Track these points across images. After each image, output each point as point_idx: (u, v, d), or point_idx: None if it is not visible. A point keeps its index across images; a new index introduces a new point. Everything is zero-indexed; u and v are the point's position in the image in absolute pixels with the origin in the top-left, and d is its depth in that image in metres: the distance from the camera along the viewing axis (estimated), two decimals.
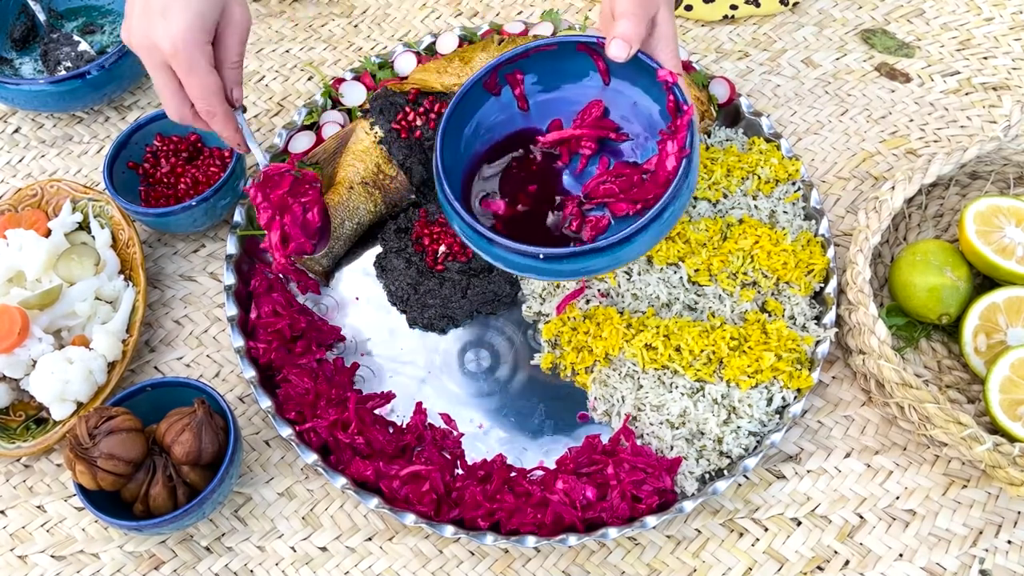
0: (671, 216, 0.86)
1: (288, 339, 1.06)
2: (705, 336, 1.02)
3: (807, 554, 0.96)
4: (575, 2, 1.40)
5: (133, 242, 1.12)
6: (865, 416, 1.04)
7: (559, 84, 0.97)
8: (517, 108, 0.98)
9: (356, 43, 1.38)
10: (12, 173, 1.28)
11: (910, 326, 1.07)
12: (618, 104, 0.96)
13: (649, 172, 0.92)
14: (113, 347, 1.04)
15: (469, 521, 0.95)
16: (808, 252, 1.08)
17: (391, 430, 1.02)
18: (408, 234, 1.14)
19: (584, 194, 0.95)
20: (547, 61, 0.95)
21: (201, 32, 0.87)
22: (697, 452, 0.99)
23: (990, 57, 1.30)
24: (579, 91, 0.97)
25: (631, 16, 0.87)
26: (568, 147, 0.97)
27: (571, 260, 0.85)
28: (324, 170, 1.18)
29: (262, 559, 0.98)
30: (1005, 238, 1.04)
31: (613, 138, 0.96)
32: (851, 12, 1.37)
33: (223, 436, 0.95)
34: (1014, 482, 0.93)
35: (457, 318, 1.10)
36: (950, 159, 1.07)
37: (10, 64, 1.34)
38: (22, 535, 1.01)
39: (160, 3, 0.86)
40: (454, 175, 0.92)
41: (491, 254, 0.89)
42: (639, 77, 0.93)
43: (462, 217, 0.88)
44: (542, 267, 0.87)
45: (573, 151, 0.97)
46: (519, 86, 0.97)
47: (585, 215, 0.93)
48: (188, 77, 0.89)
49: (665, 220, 0.86)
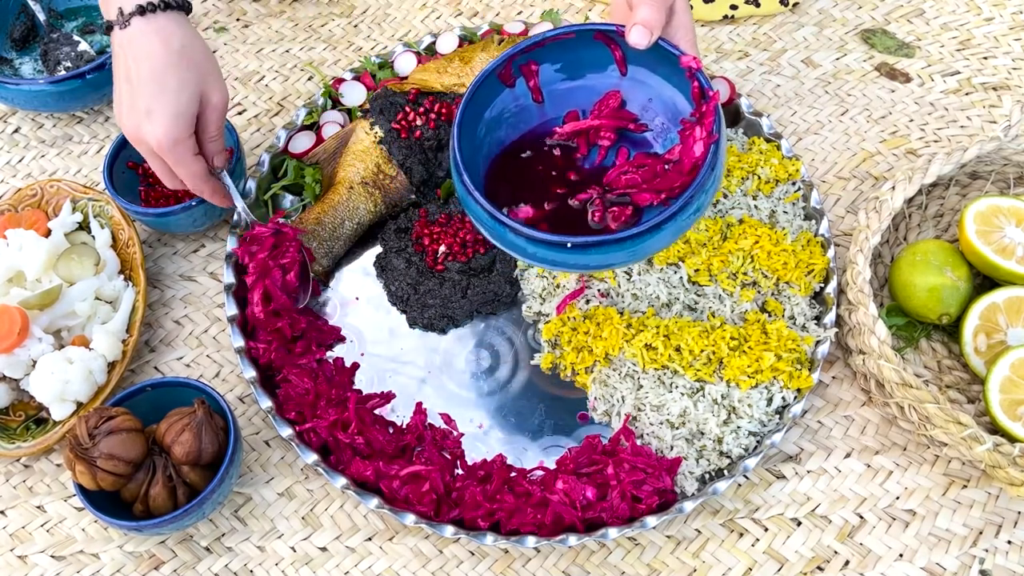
0: (701, 203, 0.84)
1: (288, 339, 1.06)
2: (705, 336, 1.02)
3: (807, 554, 0.96)
4: (575, 2, 1.40)
5: (133, 242, 1.12)
6: (865, 416, 1.04)
7: (574, 75, 0.96)
8: (531, 100, 0.97)
9: (356, 43, 1.38)
10: (12, 173, 1.28)
11: (910, 326, 1.07)
12: (636, 94, 0.95)
13: (672, 161, 0.91)
14: (113, 347, 1.04)
15: (469, 521, 0.95)
16: (808, 252, 1.08)
17: (391, 430, 1.02)
18: (408, 234, 1.14)
19: (605, 185, 0.93)
20: (563, 51, 0.94)
21: (183, 130, 0.97)
22: (697, 452, 0.99)
23: (990, 57, 1.30)
24: (595, 82, 0.95)
25: (651, 3, 0.87)
26: (586, 138, 0.95)
27: (600, 249, 0.83)
28: (324, 170, 1.18)
29: (262, 559, 0.98)
30: (1005, 238, 1.04)
31: (632, 128, 0.95)
32: (851, 12, 1.37)
33: (223, 436, 0.95)
34: (1014, 482, 0.93)
35: (457, 318, 1.10)
36: (950, 159, 1.07)
37: (10, 64, 1.34)
38: (22, 535, 1.01)
39: (144, 104, 0.96)
40: (472, 168, 0.90)
41: (513, 245, 0.86)
42: (659, 65, 0.91)
43: (484, 207, 0.85)
44: (567, 257, 0.84)
45: (592, 142, 0.96)
46: (533, 77, 0.95)
47: (607, 206, 0.91)
48: (175, 167, 1.00)
49: (694, 207, 0.84)
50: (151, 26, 0.96)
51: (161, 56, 0.95)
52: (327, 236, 1.13)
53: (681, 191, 0.84)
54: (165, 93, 0.96)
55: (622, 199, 0.92)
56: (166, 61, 0.95)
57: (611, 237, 0.83)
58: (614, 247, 0.84)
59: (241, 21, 1.41)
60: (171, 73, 0.96)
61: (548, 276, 1.10)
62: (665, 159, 0.92)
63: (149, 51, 0.96)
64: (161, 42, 0.96)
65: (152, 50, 0.96)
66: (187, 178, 1.02)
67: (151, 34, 0.96)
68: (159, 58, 0.95)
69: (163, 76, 0.95)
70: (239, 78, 1.34)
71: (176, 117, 0.96)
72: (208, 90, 0.99)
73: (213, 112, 1.01)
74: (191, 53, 0.98)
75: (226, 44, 1.38)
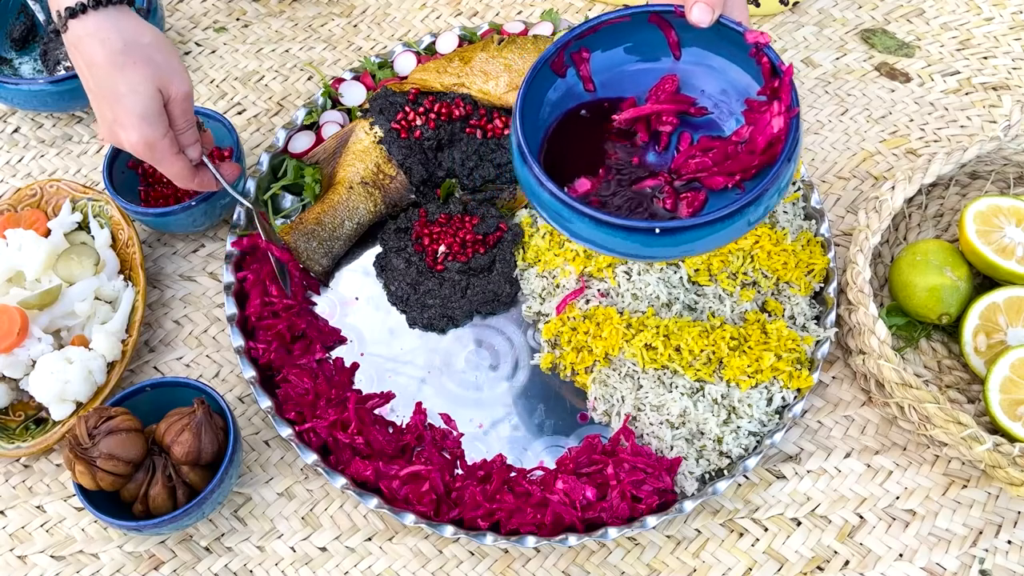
0: (788, 174, 0.81)
1: (288, 340, 1.06)
2: (705, 336, 1.02)
3: (807, 554, 0.96)
4: (575, 2, 1.40)
5: (133, 242, 1.12)
6: (865, 416, 1.04)
7: (627, 60, 0.92)
8: (583, 89, 0.93)
9: (356, 43, 1.38)
10: (12, 173, 1.28)
11: (910, 326, 1.07)
12: (692, 77, 0.92)
13: (741, 142, 0.88)
14: (113, 347, 1.04)
15: (469, 521, 0.95)
16: (808, 252, 1.08)
17: (391, 430, 1.02)
18: (408, 234, 1.14)
19: (672, 171, 0.90)
20: (614, 36, 0.91)
21: (154, 131, 0.94)
22: (697, 452, 0.99)
23: (990, 57, 1.30)
24: (648, 67, 0.92)
25: None
26: (646, 124, 0.92)
27: (691, 232, 0.79)
28: (324, 170, 1.18)
29: (262, 559, 0.98)
30: (1005, 238, 1.04)
31: (692, 112, 0.92)
32: (851, 12, 1.37)
33: (223, 436, 0.95)
34: (1014, 482, 0.93)
35: (457, 318, 1.10)
36: (950, 159, 1.07)
37: (10, 64, 1.34)
38: (22, 535, 1.01)
39: (111, 115, 0.94)
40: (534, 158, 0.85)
41: (590, 236, 0.82)
42: (720, 44, 0.89)
43: (561, 199, 0.81)
44: (651, 244, 0.80)
45: (653, 128, 0.92)
46: (584, 64, 0.92)
47: (678, 192, 0.88)
48: (158, 167, 0.99)
49: (785, 179, 0.81)
50: (87, 28, 0.91)
51: (103, 60, 0.90)
52: (327, 236, 1.13)
53: (757, 171, 0.82)
54: (120, 99, 0.91)
55: (692, 184, 0.88)
56: (110, 65, 0.90)
57: (712, 216, 0.79)
58: (711, 227, 0.79)
59: (241, 21, 1.41)
60: (118, 77, 0.90)
61: (548, 276, 1.10)
62: (732, 141, 0.89)
63: (91, 56, 0.91)
64: (100, 44, 0.90)
65: (93, 54, 0.91)
66: (172, 176, 1.00)
67: (89, 37, 0.91)
68: (102, 63, 0.90)
69: (112, 82, 0.91)
70: (239, 78, 1.34)
71: (141, 120, 0.92)
72: (166, 83, 0.94)
73: (175, 105, 0.96)
74: (138, 50, 0.91)
75: (226, 44, 1.38)
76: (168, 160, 0.97)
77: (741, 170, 0.86)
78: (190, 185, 1.02)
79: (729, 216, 0.79)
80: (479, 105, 1.17)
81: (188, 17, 1.41)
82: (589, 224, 0.81)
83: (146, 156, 0.96)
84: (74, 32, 0.91)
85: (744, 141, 0.88)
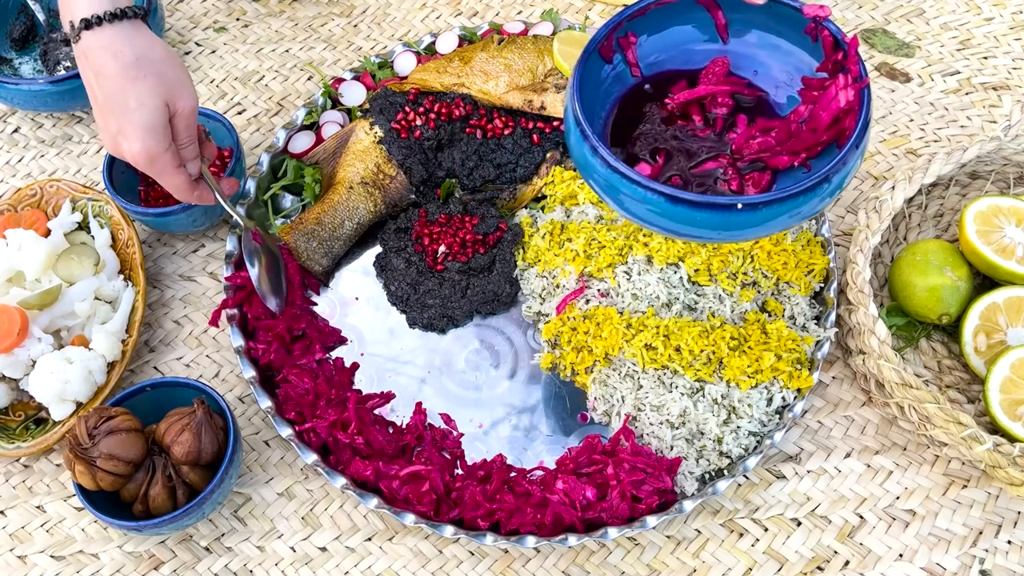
0: (862, 149, 0.80)
1: (288, 340, 1.06)
2: (705, 336, 1.02)
3: (807, 554, 0.96)
4: (575, 2, 1.40)
5: (132, 242, 1.12)
6: (865, 416, 1.04)
7: (675, 45, 0.92)
8: (631, 75, 0.92)
9: (356, 43, 1.38)
10: (12, 173, 1.28)
11: (910, 326, 1.07)
12: (743, 59, 0.91)
13: (802, 121, 0.87)
14: (113, 347, 1.04)
15: (469, 521, 0.95)
16: (808, 252, 1.08)
17: (391, 430, 1.02)
18: (408, 234, 1.14)
19: (734, 152, 0.88)
20: (662, 19, 0.90)
21: (157, 144, 0.95)
22: (697, 452, 0.99)
23: (990, 57, 1.30)
24: (696, 50, 0.91)
25: None
26: (700, 107, 0.91)
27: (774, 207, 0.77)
28: (324, 170, 1.18)
29: (262, 559, 0.98)
30: (1005, 238, 1.04)
31: (746, 93, 0.91)
32: (851, 12, 1.36)
33: (223, 436, 0.95)
34: (1014, 482, 0.93)
35: (457, 318, 1.10)
36: (950, 159, 1.07)
37: (10, 64, 1.34)
38: (22, 535, 1.01)
39: (115, 126, 0.94)
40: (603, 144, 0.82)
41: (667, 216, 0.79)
42: (770, 22, 0.88)
43: (636, 181, 0.78)
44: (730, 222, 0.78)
45: (708, 110, 0.91)
46: (631, 49, 0.91)
47: (743, 173, 0.87)
48: (158, 180, 0.99)
49: (859, 153, 0.79)
50: (101, 40, 0.92)
51: (114, 73, 0.91)
52: (327, 236, 1.12)
53: (823, 148, 0.80)
54: (127, 112, 0.92)
55: (755, 165, 0.87)
56: (121, 77, 0.91)
57: (797, 188, 0.77)
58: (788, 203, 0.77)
59: (241, 21, 1.41)
60: (128, 90, 0.92)
61: (548, 276, 1.10)
62: (792, 120, 0.87)
63: (101, 67, 0.92)
64: (112, 57, 0.91)
65: (104, 66, 0.92)
66: (171, 190, 1.00)
67: (102, 49, 0.92)
68: (112, 75, 0.92)
69: (121, 94, 0.92)
70: (239, 78, 1.34)
71: (146, 132, 0.93)
72: (173, 98, 0.95)
73: (180, 120, 0.97)
74: (148, 64, 0.93)
75: (226, 44, 1.38)
76: (169, 173, 0.98)
77: (806, 148, 0.85)
78: (189, 199, 1.02)
79: (813, 187, 0.77)
80: (479, 105, 1.17)
81: (188, 17, 1.41)
82: (665, 203, 0.78)
83: (147, 168, 0.96)
84: (86, 43, 0.92)
85: (805, 120, 0.86)
